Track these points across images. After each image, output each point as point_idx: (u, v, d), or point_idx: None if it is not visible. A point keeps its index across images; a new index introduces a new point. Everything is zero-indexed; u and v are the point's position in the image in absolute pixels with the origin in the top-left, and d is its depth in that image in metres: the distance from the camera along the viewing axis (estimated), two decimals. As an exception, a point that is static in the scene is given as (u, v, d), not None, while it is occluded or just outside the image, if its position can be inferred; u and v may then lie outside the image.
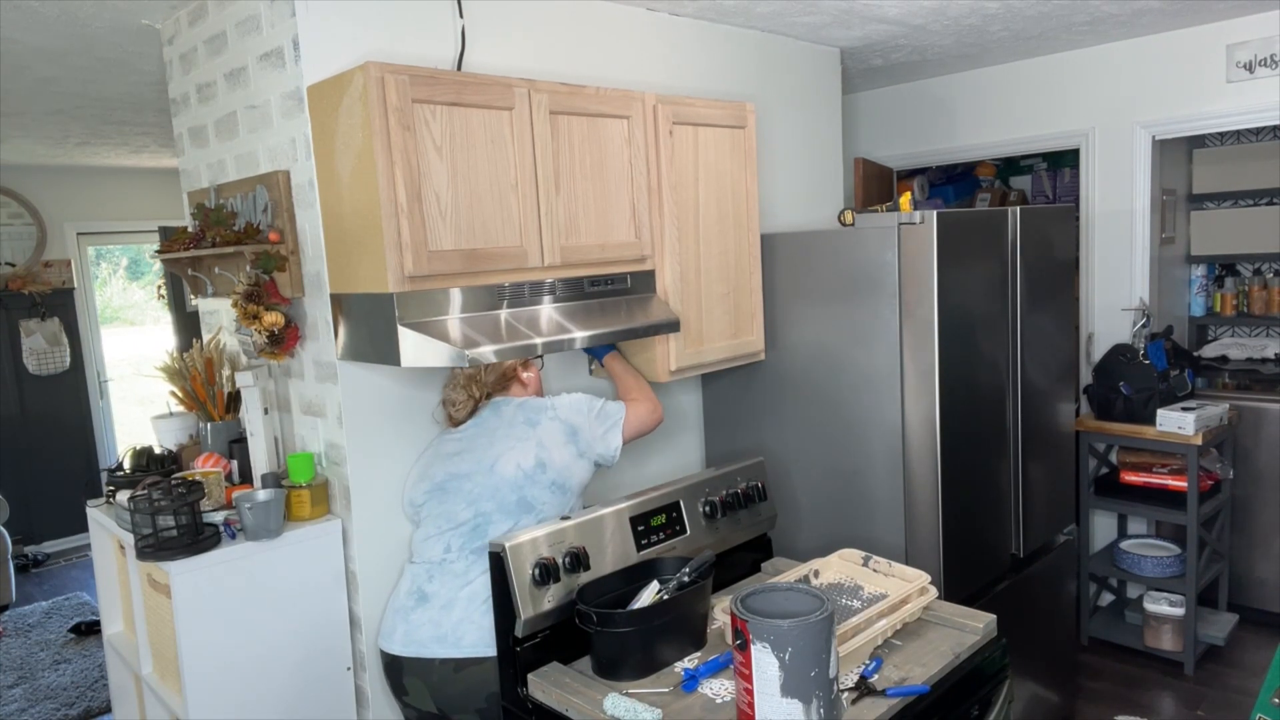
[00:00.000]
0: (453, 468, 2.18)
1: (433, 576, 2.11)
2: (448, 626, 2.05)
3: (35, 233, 5.89)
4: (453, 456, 2.20)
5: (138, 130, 4.60)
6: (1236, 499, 3.93)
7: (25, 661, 4.33)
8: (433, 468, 2.22)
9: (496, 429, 2.20)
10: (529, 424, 2.18)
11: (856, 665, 1.82)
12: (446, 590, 2.08)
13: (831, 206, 3.57)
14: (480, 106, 1.99)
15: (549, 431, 2.17)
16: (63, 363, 5.97)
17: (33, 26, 2.66)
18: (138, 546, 2.04)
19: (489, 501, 2.11)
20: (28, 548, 5.81)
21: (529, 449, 2.15)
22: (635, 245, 2.37)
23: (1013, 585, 2.82)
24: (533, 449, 2.15)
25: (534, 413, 2.21)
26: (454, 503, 2.14)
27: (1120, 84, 3.88)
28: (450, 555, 2.11)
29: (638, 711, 1.68)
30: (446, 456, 2.21)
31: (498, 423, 2.21)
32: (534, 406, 2.22)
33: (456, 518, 2.12)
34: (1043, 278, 2.84)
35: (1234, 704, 3.34)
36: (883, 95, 4.65)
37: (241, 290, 2.19)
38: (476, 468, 2.14)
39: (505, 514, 2.10)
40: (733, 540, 2.33)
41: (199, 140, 2.64)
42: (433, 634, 2.05)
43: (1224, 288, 4.57)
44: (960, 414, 2.54)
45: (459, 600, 2.06)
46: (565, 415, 2.21)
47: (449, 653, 2.03)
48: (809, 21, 3.15)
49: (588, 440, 2.20)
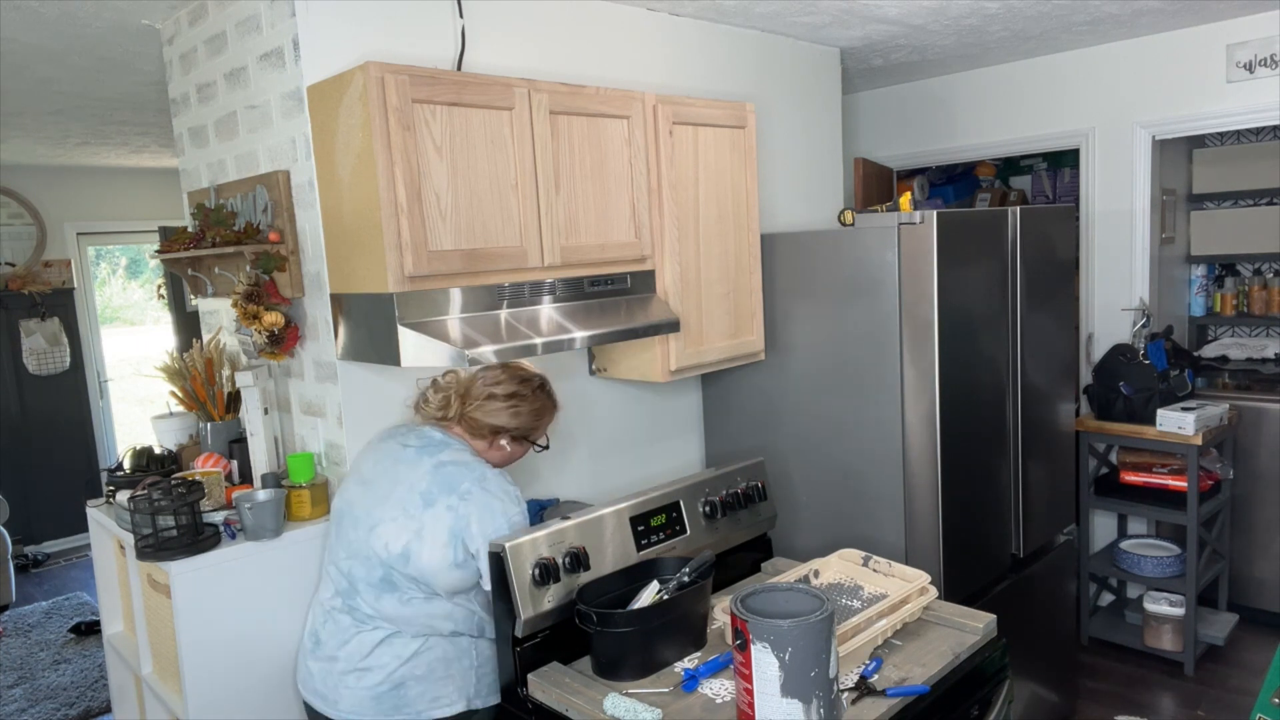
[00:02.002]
0: (355, 497, 1.94)
1: (325, 622, 1.94)
2: (329, 683, 1.91)
3: (35, 233, 5.89)
4: (361, 483, 1.94)
5: (138, 130, 4.60)
6: (1236, 499, 3.93)
7: (25, 661, 4.33)
8: (346, 483, 1.99)
9: (397, 484, 1.87)
10: (425, 501, 1.83)
11: (856, 665, 1.82)
12: (333, 642, 1.91)
13: (831, 206, 3.57)
14: (480, 106, 1.99)
15: (436, 522, 1.82)
16: (63, 363, 5.97)
17: (33, 26, 2.67)
18: (138, 546, 2.04)
19: (361, 566, 1.88)
20: (28, 548, 5.81)
21: (404, 532, 1.83)
22: (635, 245, 2.37)
23: (1013, 585, 2.82)
24: (407, 535, 1.83)
25: (440, 489, 1.84)
26: (338, 545, 1.94)
27: (1120, 84, 3.88)
28: (335, 603, 1.93)
29: (638, 711, 1.68)
30: (359, 479, 1.96)
31: (404, 476, 1.88)
32: (447, 480, 1.84)
33: (339, 564, 1.93)
34: (1043, 278, 2.84)
35: (1234, 704, 3.34)
36: (883, 95, 4.65)
37: (241, 290, 2.19)
38: (364, 518, 1.89)
39: (369, 586, 1.87)
40: (733, 540, 2.33)
41: (199, 140, 2.64)
42: (318, 686, 1.93)
43: (1224, 288, 4.57)
44: (960, 414, 2.54)
45: (340, 658, 1.89)
46: (471, 509, 1.82)
47: (328, 711, 1.91)
48: (809, 21, 3.15)
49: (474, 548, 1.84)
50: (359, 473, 1.98)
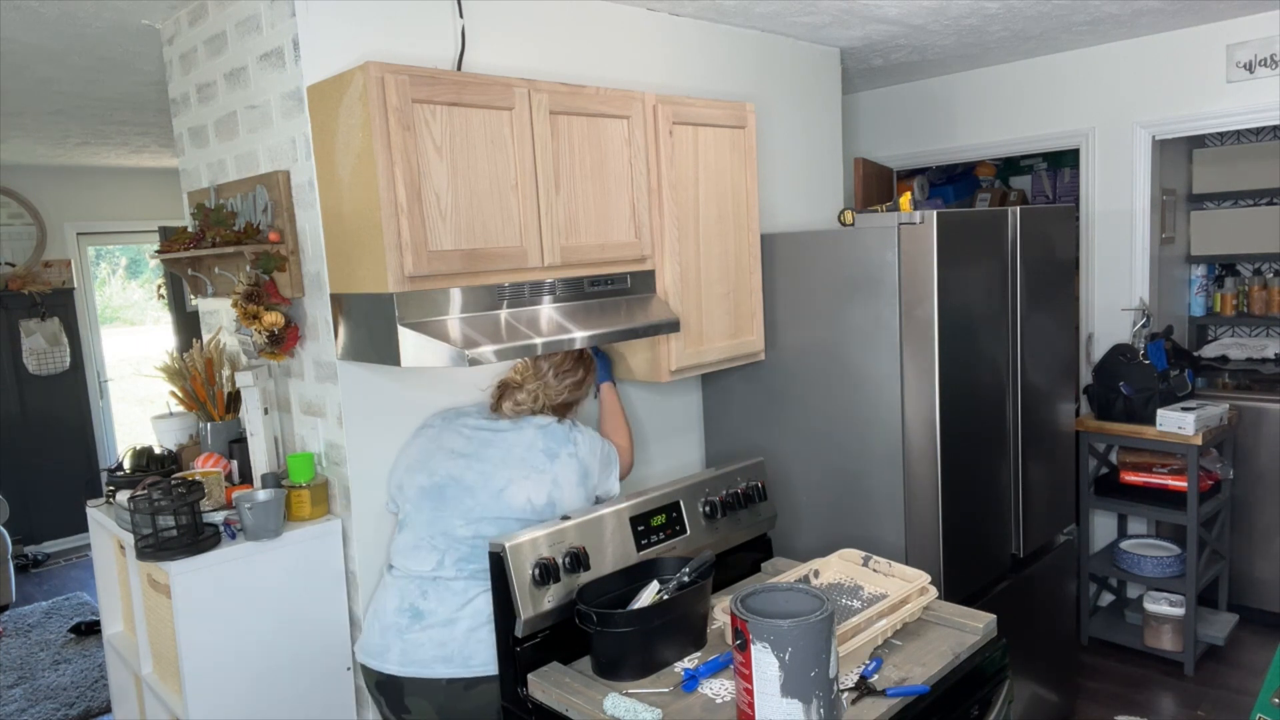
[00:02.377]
0: (456, 471, 2.09)
1: (426, 593, 2.03)
2: (454, 646, 1.99)
3: (35, 233, 5.89)
4: (458, 457, 2.11)
5: (138, 130, 4.60)
6: (1236, 499, 3.93)
7: (25, 661, 4.33)
8: (433, 460, 2.12)
9: (513, 448, 2.12)
10: (548, 455, 2.11)
11: (856, 665, 1.82)
12: (445, 608, 2.01)
13: (831, 206, 3.57)
14: (480, 106, 1.99)
15: (565, 469, 2.11)
16: (63, 363, 5.97)
17: (33, 26, 2.67)
18: (138, 546, 2.04)
19: (491, 526, 2.04)
20: (28, 548, 5.81)
21: (543, 484, 2.08)
22: (635, 245, 2.37)
23: (1013, 585, 2.82)
24: (547, 485, 2.08)
25: (555, 443, 2.14)
26: (450, 515, 2.05)
27: (1120, 84, 3.88)
28: (444, 572, 2.03)
29: (638, 711, 1.68)
30: (450, 453, 2.12)
31: (516, 441, 2.13)
32: (555, 436, 2.15)
33: (453, 533, 2.05)
34: (1043, 278, 2.84)
35: (1234, 704, 3.34)
36: (883, 95, 4.65)
37: (241, 290, 2.19)
38: (483, 486, 2.06)
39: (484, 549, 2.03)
40: (733, 540, 2.33)
41: (199, 140, 2.64)
42: (437, 654, 1.98)
43: (1224, 288, 4.57)
44: (960, 414, 2.54)
45: (461, 619, 2.00)
46: (584, 455, 2.16)
47: (457, 672, 1.98)
48: (809, 21, 3.15)
49: (595, 482, 2.18)
50: (447, 448, 2.13)
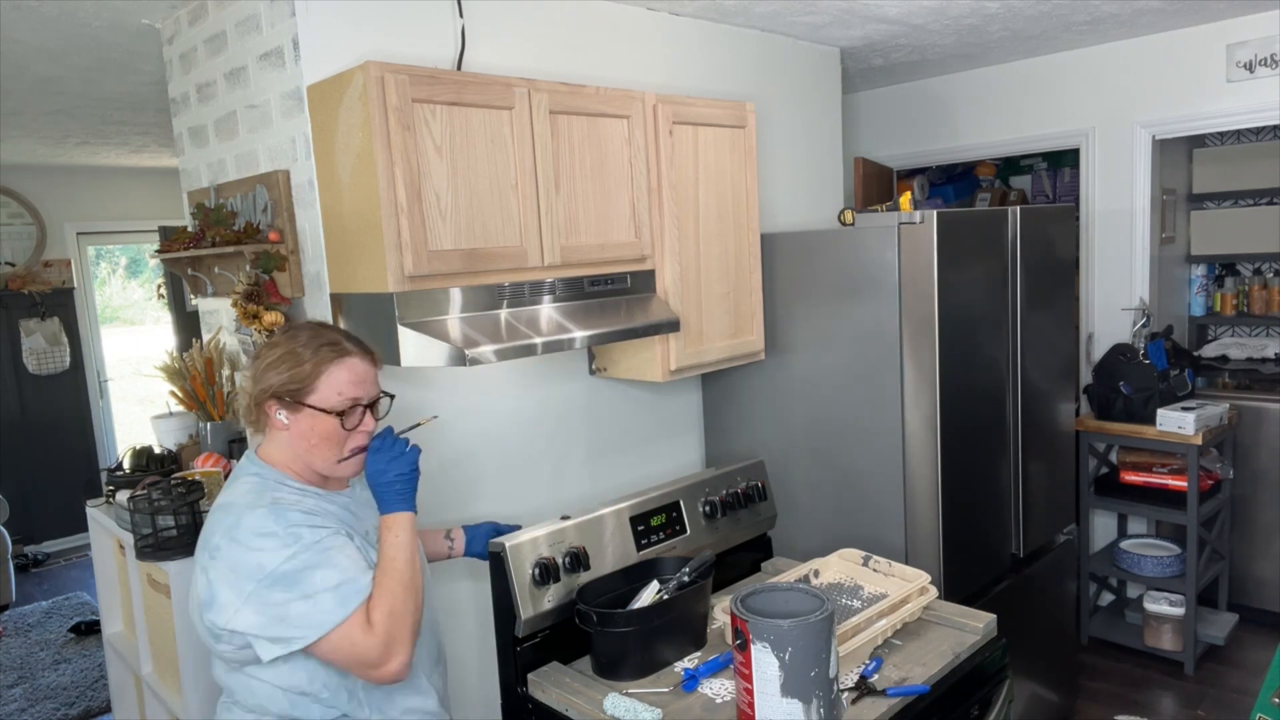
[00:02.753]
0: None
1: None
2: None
3: (35, 233, 5.89)
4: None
5: (138, 130, 4.60)
6: (1236, 499, 3.93)
7: (25, 661, 4.33)
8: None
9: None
10: (203, 541, 1.46)
11: (856, 665, 1.82)
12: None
13: (831, 206, 3.57)
14: (480, 106, 1.99)
15: (194, 582, 1.45)
16: (63, 363, 5.97)
17: (33, 26, 2.66)
18: (137, 546, 2.04)
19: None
20: (28, 548, 5.81)
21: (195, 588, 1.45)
22: (635, 245, 2.37)
23: (1013, 585, 2.82)
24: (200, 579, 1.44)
25: (202, 536, 1.46)
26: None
27: (1120, 84, 3.88)
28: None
29: (638, 711, 1.68)
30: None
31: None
32: (207, 526, 1.46)
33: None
34: (1043, 278, 2.84)
35: (1234, 704, 3.34)
36: (883, 95, 4.65)
37: (241, 290, 2.19)
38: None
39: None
40: (733, 540, 2.33)
41: (199, 140, 2.64)
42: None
43: (1224, 287, 4.57)
44: (960, 414, 2.54)
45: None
46: (214, 579, 1.39)
47: None
48: (809, 21, 3.15)
49: (232, 634, 1.39)
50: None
